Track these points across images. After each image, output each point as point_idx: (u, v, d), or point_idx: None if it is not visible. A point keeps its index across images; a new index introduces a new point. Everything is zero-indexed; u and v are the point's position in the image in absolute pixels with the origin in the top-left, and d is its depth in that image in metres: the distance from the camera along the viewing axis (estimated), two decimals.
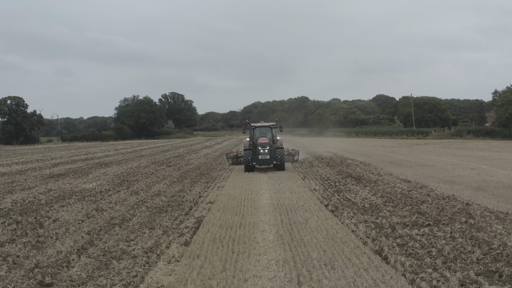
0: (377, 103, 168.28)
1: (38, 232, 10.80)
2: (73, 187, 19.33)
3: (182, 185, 19.11)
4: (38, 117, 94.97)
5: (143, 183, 20.17)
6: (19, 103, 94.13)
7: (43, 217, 12.65)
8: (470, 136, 62.19)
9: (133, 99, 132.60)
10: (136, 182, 20.66)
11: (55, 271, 7.78)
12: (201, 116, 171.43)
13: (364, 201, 13.59)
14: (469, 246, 8.45)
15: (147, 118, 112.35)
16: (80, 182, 21.15)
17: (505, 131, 59.41)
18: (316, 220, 11.10)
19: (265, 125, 25.77)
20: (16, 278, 7.46)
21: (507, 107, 58.57)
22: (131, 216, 12.41)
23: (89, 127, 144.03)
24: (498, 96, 68.29)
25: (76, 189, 18.63)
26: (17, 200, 16.05)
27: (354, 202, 13.49)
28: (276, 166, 23.59)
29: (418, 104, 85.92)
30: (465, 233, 9.41)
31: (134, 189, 18.03)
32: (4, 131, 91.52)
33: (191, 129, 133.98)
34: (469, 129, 65.67)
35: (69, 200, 15.78)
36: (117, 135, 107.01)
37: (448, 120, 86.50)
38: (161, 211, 13.10)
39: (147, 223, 11.47)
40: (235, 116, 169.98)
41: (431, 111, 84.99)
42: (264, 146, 23.71)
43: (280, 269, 7.46)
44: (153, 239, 9.72)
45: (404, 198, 13.81)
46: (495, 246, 8.34)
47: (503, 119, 58.38)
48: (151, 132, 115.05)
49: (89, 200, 15.68)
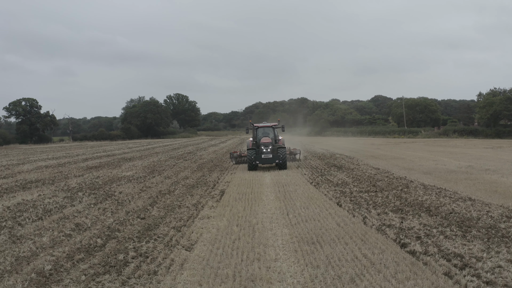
0: (375, 103, 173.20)
1: (114, 198, 16.02)
2: (116, 175, 24.54)
3: (202, 172, 24.34)
4: (51, 118, 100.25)
5: (170, 171, 25.39)
6: (33, 104, 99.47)
7: (109, 191, 17.87)
8: (456, 135, 67.33)
9: (139, 100, 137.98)
10: (164, 171, 25.86)
11: (142, 214, 12.99)
12: (204, 116, 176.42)
13: (339, 180, 18.86)
14: (393, 200, 13.69)
15: (153, 118, 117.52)
16: (118, 172, 26.34)
17: (487, 131, 64.58)
18: (302, 189, 16.36)
19: (267, 125, 27.09)
20: (120, 217, 12.64)
21: (488, 108, 63.84)
22: (174, 190, 17.66)
23: (93, 127, 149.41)
24: (482, 98, 73.47)
25: (119, 176, 23.85)
26: (79, 182, 21.26)
27: (331, 181, 18.75)
28: (278, 165, 24.65)
29: (410, 105, 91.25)
30: (396, 195, 14.65)
31: (166, 175, 23.27)
32: (19, 131, 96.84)
33: (195, 129, 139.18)
34: (455, 128, 70.88)
35: (119, 182, 21.00)
36: (125, 134, 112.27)
37: (439, 120, 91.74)
38: (193, 187, 18.35)
39: (186, 193, 16.71)
40: (236, 116, 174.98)
41: (422, 111, 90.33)
42: (266, 145, 24.68)
43: (277, 210, 12.71)
44: (195, 200, 14.98)
45: (368, 179, 19.06)
46: (409, 200, 13.56)
47: (484, 120, 63.60)
48: (157, 132, 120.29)
49: (135, 182, 20.89)
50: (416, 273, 7.08)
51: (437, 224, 10.39)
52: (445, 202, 13.16)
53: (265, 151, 24.50)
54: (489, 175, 19.24)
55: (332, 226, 10.45)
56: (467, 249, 8.35)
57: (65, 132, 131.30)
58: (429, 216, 11.33)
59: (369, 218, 11.28)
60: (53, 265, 8.20)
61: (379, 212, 12.03)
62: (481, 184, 16.62)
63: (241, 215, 12.16)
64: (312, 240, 9.31)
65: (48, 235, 10.54)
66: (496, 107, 63.15)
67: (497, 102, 63.49)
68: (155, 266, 7.92)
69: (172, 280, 7.20)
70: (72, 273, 7.74)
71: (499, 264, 7.47)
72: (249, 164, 24.50)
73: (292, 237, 9.60)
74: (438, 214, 11.47)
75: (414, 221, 10.83)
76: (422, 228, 10.09)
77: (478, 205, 12.60)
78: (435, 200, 13.46)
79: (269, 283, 6.93)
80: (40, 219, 12.59)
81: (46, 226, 11.66)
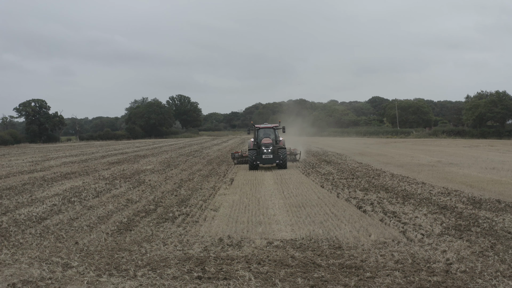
0: (372, 104, 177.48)
1: (146, 184, 20.23)
2: (138, 168, 28.73)
3: (212, 166, 28.58)
4: (59, 118, 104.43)
5: (184, 165, 29.62)
6: (42, 105, 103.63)
7: (140, 179, 22.08)
8: (444, 136, 71.64)
9: (143, 101, 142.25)
10: (178, 165, 30.07)
11: (174, 193, 17.19)
12: (204, 117, 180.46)
13: (326, 171, 23.12)
14: (364, 183, 17.95)
15: (156, 119, 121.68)
16: (138, 166, 30.52)
17: (473, 131, 68.93)
18: (295, 177, 20.63)
19: (268, 127, 27.89)
20: (157, 195, 16.82)
21: (474, 110, 68.21)
22: (192, 178, 21.91)
23: (95, 127, 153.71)
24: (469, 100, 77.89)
25: (142, 169, 28.05)
26: (110, 173, 25.44)
27: (319, 171, 23.02)
28: (278, 165, 25.38)
29: (403, 107, 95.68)
30: (367, 180, 18.90)
31: (181, 168, 27.50)
32: (29, 131, 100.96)
33: (196, 129, 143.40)
34: (443, 129, 75.22)
35: (144, 173, 25.19)
36: (129, 134, 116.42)
37: (431, 121, 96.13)
38: (207, 176, 22.59)
39: (203, 180, 20.95)
40: (237, 117, 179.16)
41: (415, 113, 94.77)
42: (267, 146, 25.36)
43: (275, 190, 16.95)
44: (211, 184, 19.23)
45: (350, 170, 23.32)
46: (376, 184, 17.81)
47: (470, 121, 68.00)
48: (160, 132, 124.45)
49: (157, 173, 25.10)
50: (361, 219, 11.34)
51: (388, 197, 14.65)
52: (402, 185, 17.43)
53: (266, 151, 25.25)
54: (449, 167, 23.50)
55: (314, 198, 14.71)
56: (400, 209, 12.61)
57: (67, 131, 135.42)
58: (386, 193, 15.60)
59: (341, 194, 15.55)
60: (127, 219, 12.44)
61: (350, 190, 16.28)
62: (438, 174, 20.88)
63: (248, 193, 16.43)
64: (298, 205, 13.57)
65: (111, 205, 14.77)
66: (481, 109, 67.48)
67: (482, 104, 67.82)
68: (195, 219, 12.17)
69: (208, 224, 11.44)
70: (142, 222, 11.97)
71: (417, 215, 11.71)
72: (250, 164, 25.29)
73: (285, 204, 13.86)
74: (392, 191, 15.74)
75: (373, 195, 15.08)
76: (376, 199, 14.34)
77: (426, 186, 16.86)
78: (395, 184, 17.73)
79: (269, 224, 11.19)
80: (97, 196, 16.82)
81: (104, 200, 15.89)
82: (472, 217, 11.27)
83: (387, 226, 10.64)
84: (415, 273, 7.27)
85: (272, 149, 25.38)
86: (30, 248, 9.71)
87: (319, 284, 6.88)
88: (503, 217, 11.23)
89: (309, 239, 9.61)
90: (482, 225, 10.41)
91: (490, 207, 12.61)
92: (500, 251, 8.36)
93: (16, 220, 12.67)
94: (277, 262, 8.08)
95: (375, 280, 7.01)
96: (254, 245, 9.31)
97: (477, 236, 9.51)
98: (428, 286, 6.73)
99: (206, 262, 8.20)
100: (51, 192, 18.29)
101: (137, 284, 7.18)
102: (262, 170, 25.35)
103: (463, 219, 11.10)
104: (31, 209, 14.31)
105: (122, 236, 10.50)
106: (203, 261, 8.27)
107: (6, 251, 9.51)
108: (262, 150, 25.52)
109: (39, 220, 12.59)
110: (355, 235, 9.83)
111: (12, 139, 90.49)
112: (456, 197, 14.26)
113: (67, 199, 16.32)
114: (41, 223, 12.26)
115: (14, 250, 9.61)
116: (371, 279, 7.08)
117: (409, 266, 7.67)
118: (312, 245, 9.17)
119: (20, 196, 17.46)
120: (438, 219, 11.21)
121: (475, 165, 24.56)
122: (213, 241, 9.67)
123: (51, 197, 16.86)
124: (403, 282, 6.92)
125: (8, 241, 10.32)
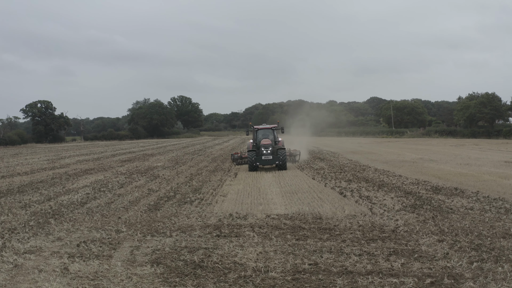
0: (370, 105, 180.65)
1: (161, 178, 23.21)
2: (149, 165, 31.72)
3: (217, 163, 31.57)
4: (64, 119, 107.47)
5: (191, 163, 32.61)
6: (48, 106, 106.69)
7: (154, 174, 25.05)
8: (437, 135, 74.66)
9: (145, 102, 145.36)
10: (186, 163, 33.06)
11: (188, 184, 20.16)
12: (205, 117, 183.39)
13: (318, 167, 26.13)
14: (349, 176, 20.95)
15: (159, 119, 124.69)
16: (149, 163, 33.51)
17: (464, 131, 71.97)
18: (290, 172, 23.67)
19: (267, 127, 28.05)
20: (173, 186, 19.81)
21: (464, 111, 71.33)
22: (201, 173, 24.91)
23: (97, 127, 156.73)
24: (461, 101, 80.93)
25: (153, 165, 31.04)
26: (126, 169, 28.42)
27: (312, 167, 26.03)
28: (278, 166, 25.28)
29: (398, 108, 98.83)
30: (353, 174, 21.91)
31: (189, 165, 30.49)
32: (35, 131, 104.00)
33: (197, 129, 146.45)
34: (436, 129, 78.29)
35: (156, 169, 28.17)
36: (132, 134, 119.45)
37: (425, 121, 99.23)
38: (214, 171, 25.60)
39: (211, 175, 23.94)
40: (237, 117, 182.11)
41: (410, 113, 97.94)
42: (266, 147, 25.38)
43: (273, 181, 19.96)
44: (218, 177, 22.24)
45: (340, 166, 26.34)
46: (359, 176, 20.82)
47: (461, 121, 71.06)
48: (162, 132, 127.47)
49: (168, 169, 28.08)
50: (340, 201, 14.36)
51: (367, 186, 17.66)
52: (381, 177, 20.44)
53: (265, 152, 25.26)
54: (427, 163, 26.51)
55: (305, 187, 17.73)
56: (373, 194, 15.63)
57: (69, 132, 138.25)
58: (366, 183, 18.61)
59: (328, 184, 18.59)
60: (153, 203, 15.43)
61: (336, 181, 19.30)
62: (416, 168, 23.88)
63: (251, 184, 19.45)
64: (292, 192, 16.60)
65: (136, 193, 17.76)
66: (471, 110, 70.55)
67: (472, 105, 70.90)
68: (209, 202, 15.19)
69: (220, 205, 14.44)
70: (166, 205, 14.96)
71: (385, 198, 14.70)
72: (249, 165, 25.25)
73: (281, 191, 16.88)
74: (371, 182, 18.77)
75: (355, 185, 18.10)
76: (357, 187, 17.35)
77: (401, 178, 19.86)
78: (375, 176, 20.74)
79: (268, 204, 14.21)
80: (122, 187, 19.81)
81: (129, 190, 18.87)
82: (428, 199, 14.27)
83: (359, 205, 13.66)
84: (371, 232, 10.27)
85: (271, 150, 25.50)
86: (84, 221, 12.69)
87: (302, 238, 9.88)
88: (452, 199, 14.23)
89: (298, 214, 12.62)
90: (433, 204, 13.42)
91: (446, 192, 15.61)
92: (438, 220, 11.34)
93: (62, 204, 15.64)
94: (273, 226, 11.08)
95: (341, 236, 10.00)
96: (256, 217, 12.32)
97: (425, 211, 12.52)
98: (377, 239, 9.71)
99: (222, 227, 11.20)
100: (80, 184, 21.28)
101: (173, 240, 10.16)
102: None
103: (420, 201, 14.11)
104: (69, 197, 17.29)
105: (154, 214, 13.50)
106: (219, 226, 11.28)
107: (66, 223, 12.48)
108: (261, 151, 25.56)
109: (81, 204, 15.58)
110: (333, 211, 12.83)
111: (19, 139, 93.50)
112: (422, 186, 17.28)
113: (97, 189, 19.31)
114: (83, 206, 15.26)
115: (72, 223, 12.58)
116: (339, 235, 10.08)
117: (368, 228, 10.67)
118: (300, 217, 12.18)
119: (54, 187, 20.44)
120: (400, 200, 14.22)
121: (451, 161, 27.57)
122: (225, 215, 12.69)
123: (82, 188, 19.85)
124: (361, 237, 9.90)
125: (64, 218, 13.29)
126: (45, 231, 11.53)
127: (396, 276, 7.31)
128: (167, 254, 8.94)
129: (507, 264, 7.74)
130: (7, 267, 8.49)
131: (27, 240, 10.52)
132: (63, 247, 9.88)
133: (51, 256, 9.19)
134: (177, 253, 8.98)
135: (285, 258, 8.43)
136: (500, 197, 14.31)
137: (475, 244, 9.01)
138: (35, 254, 9.37)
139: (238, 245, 9.40)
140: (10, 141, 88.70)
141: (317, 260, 8.24)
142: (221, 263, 8.22)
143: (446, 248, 8.82)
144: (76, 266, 8.37)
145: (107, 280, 7.58)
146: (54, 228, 11.76)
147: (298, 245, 9.26)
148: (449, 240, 9.37)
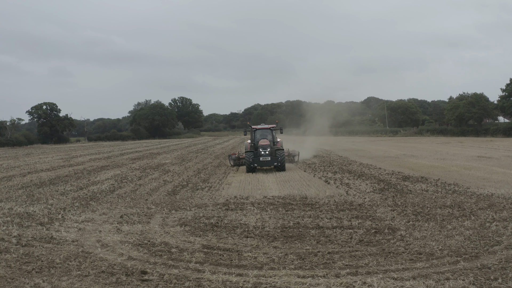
0: (367, 104, 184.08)
1: (172, 172, 26.43)
2: (158, 162, 34.95)
3: (219, 160, 34.83)
4: (69, 120, 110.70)
5: (196, 160, 35.86)
6: (53, 108, 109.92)
7: (165, 169, 28.27)
8: (428, 134, 78.03)
9: (146, 103, 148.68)
10: (191, 160, 36.30)
11: (196, 177, 23.43)
12: (204, 118, 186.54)
13: (311, 162, 29.41)
14: (336, 169, 24.24)
15: (160, 120, 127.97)
16: (157, 160, 36.72)
17: (454, 130, 75.36)
18: (286, 166, 26.93)
19: (265, 127, 27.33)
20: (184, 178, 23.06)
21: (454, 111, 74.77)
22: (206, 168, 28.17)
23: (98, 128, 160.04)
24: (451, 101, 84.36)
25: (162, 162, 34.28)
26: (138, 166, 31.64)
27: (305, 162, 29.32)
28: (277, 167, 24.82)
29: (393, 108, 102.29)
30: (340, 167, 25.20)
31: (194, 162, 33.75)
32: (41, 132, 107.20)
33: (198, 129, 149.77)
34: (428, 128, 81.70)
35: (165, 165, 31.40)
36: (134, 135, 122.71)
37: (419, 120, 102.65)
38: (218, 167, 28.86)
39: (215, 169, 27.19)
40: (236, 118, 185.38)
41: (404, 113, 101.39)
42: (265, 148, 24.79)
43: (270, 174, 23.23)
44: (222, 171, 25.51)
45: (330, 161, 29.63)
46: (345, 169, 24.09)
47: (452, 120, 74.65)
48: (164, 133, 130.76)
49: (176, 165, 31.31)
50: (324, 187, 17.65)
51: (350, 176, 20.95)
52: (363, 169, 23.73)
53: (264, 153, 24.65)
54: (408, 158, 29.80)
55: (296, 177, 21.02)
56: (352, 182, 18.92)
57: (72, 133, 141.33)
58: (349, 174, 21.89)
59: (317, 174, 21.89)
60: (171, 189, 18.67)
61: (324, 173, 22.58)
62: (396, 162, 27.16)
63: (251, 176, 22.76)
64: (285, 181, 19.90)
65: (154, 183, 21.01)
66: (460, 110, 73.94)
67: (461, 105, 74.30)
68: (217, 188, 18.47)
69: (226, 191, 17.72)
70: (182, 191, 18.21)
71: (361, 184, 17.97)
72: (247, 167, 24.58)
73: (276, 180, 20.17)
74: (353, 173, 22.05)
75: (339, 175, 21.38)
76: (340, 177, 20.64)
77: (380, 170, 23.13)
78: (359, 169, 24.03)
79: (265, 189, 17.51)
80: (140, 179, 23.06)
81: (147, 181, 22.11)
82: (395, 185, 17.56)
83: (338, 189, 16.96)
84: (342, 205, 13.54)
85: (270, 151, 24.86)
86: (118, 203, 15.93)
87: (290, 210, 13.16)
88: (414, 185, 17.52)
89: (289, 195, 15.90)
90: (398, 188, 16.70)
91: (413, 180, 18.90)
92: (397, 198, 14.61)
93: (93, 192, 18.87)
94: (269, 203, 14.36)
95: (320, 208, 13.27)
96: (255, 198, 15.60)
97: (389, 192, 15.80)
98: (346, 209, 12.97)
99: (229, 204, 14.48)
100: (102, 177, 24.51)
101: (193, 212, 13.41)
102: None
103: (388, 186, 17.39)
104: (97, 187, 20.52)
105: (173, 197, 16.76)
106: (227, 204, 14.55)
107: (104, 204, 15.71)
108: (259, 152, 24.88)
109: (110, 191, 18.82)
110: (317, 193, 16.12)
111: (26, 140, 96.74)
112: (395, 176, 20.56)
113: (119, 180, 22.55)
114: (113, 192, 18.49)
115: (108, 205, 15.79)
116: (318, 208, 13.35)
117: (341, 203, 13.95)
118: (290, 197, 15.46)
119: (81, 180, 23.66)
120: (373, 186, 17.52)
121: (430, 156, 30.87)
122: (231, 197, 15.97)
123: (105, 180, 23.08)
124: (334, 208, 13.17)
125: (101, 201, 16.52)
126: (90, 209, 14.75)
127: (352, 228, 10.61)
128: (190, 220, 12.21)
129: (433, 222, 11.01)
130: (74, 230, 11.72)
131: (80, 215, 13.74)
132: (109, 218, 13.12)
133: (103, 223, 12.43)
134: (197, 220, 12.26)
135: (276, 221, 11.71)
136: (454, 183, 17.61)
137: (416, 212, 12.29)
138: (91, 222, 12.60)
139: (242, 214, 12.68)
140: (17, 142, 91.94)
141: (299, 221, 11.53)
142: (230, 224, 11.50)
143: (395, 214, 12.10)
144: (126, 227, 11.63)
145: (151, 234, 10.84)
146: (96, 208, 15.00)
147: (286, 214, 12.55)
148: (398, 210, 12.66)
